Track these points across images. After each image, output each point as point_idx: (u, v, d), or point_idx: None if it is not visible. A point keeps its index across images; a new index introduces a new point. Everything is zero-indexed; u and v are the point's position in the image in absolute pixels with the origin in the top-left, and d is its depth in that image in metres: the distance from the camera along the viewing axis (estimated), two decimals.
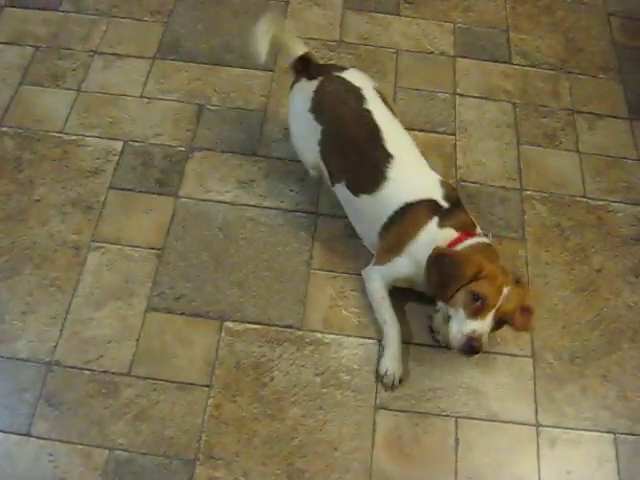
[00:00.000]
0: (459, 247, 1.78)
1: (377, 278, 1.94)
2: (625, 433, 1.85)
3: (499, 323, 1.71)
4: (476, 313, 1.67)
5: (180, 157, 2.24)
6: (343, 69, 2.04)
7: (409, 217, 1.86)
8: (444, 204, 1.84)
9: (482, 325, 1.66)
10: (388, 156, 1.87)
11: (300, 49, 2.05)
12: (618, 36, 2.79)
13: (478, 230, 1.86)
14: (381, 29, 2.67)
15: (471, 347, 1.67)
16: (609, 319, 2.03)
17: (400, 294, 1.95)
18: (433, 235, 1.81)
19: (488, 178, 2.28)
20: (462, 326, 1.68)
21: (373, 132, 1.90)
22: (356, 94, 1.95)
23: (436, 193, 1.86)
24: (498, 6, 2.75)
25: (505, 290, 1.67)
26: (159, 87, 2.41)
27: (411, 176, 1.90)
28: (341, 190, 1.99)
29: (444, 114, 2.43)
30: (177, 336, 1.90)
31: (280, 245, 2.08)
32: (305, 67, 2.05)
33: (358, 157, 1.92)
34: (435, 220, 1.82)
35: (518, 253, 2.13)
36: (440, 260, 1.72)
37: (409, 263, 1.85)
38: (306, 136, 2.03)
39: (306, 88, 2.01)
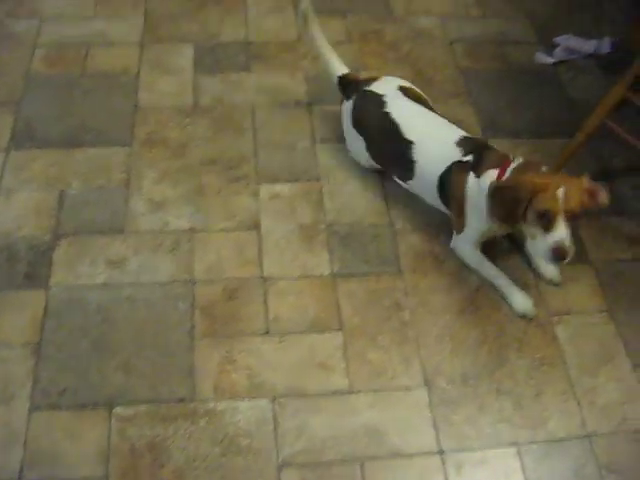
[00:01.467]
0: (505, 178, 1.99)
1: (465, 245, 2.21)
2: (527, 443, 1.89)
3: (574, 218, 1.88)
4: (548, 226, 1.86)
5: (46, 247, 2.18)
6: (373, 81, 2.35)
7: (451, 186, 2.12)
8: (468, 158, 2.08)
9: (559, 233, 1.85)
10: (409, 143, 2.18)
11: (339, 69, 2.42)
12: (462, 61, 2.92)
13: (511, 157, 2.04)
14: (234, 88, 2.69)
15: (558, 256, 1.87)
16: (494, 334, 2.09)
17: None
18: (477, 186, 2.03)
19: (357, 218, 2.32)
20: (543, 243, 1.88)
21: (395, 129, 2.20)
22: (378, 102, 2.26)
23: (455, 154, 2.11)
24: (345, 50, 2.80)
25: (560, 192, 1.84)
26: (16, 179, 2.34)
27: (430, 153, 2.16)
28: (398, 181, 2.33)
29: (306, 163, 2.46)
30: (66, 432, 1.83)
31: (160, 319, 2.04)
32: (344, 88, 2.40)
33: (392, 154, 2.26)
34: (470, 175, 2.06)
35: (397, 286, 2.17)
36: (497, 194, 1.94)
37: (478, 218, 2.08)
38: (356, 146, 2.39)
39: (347, 107, 2.37)
